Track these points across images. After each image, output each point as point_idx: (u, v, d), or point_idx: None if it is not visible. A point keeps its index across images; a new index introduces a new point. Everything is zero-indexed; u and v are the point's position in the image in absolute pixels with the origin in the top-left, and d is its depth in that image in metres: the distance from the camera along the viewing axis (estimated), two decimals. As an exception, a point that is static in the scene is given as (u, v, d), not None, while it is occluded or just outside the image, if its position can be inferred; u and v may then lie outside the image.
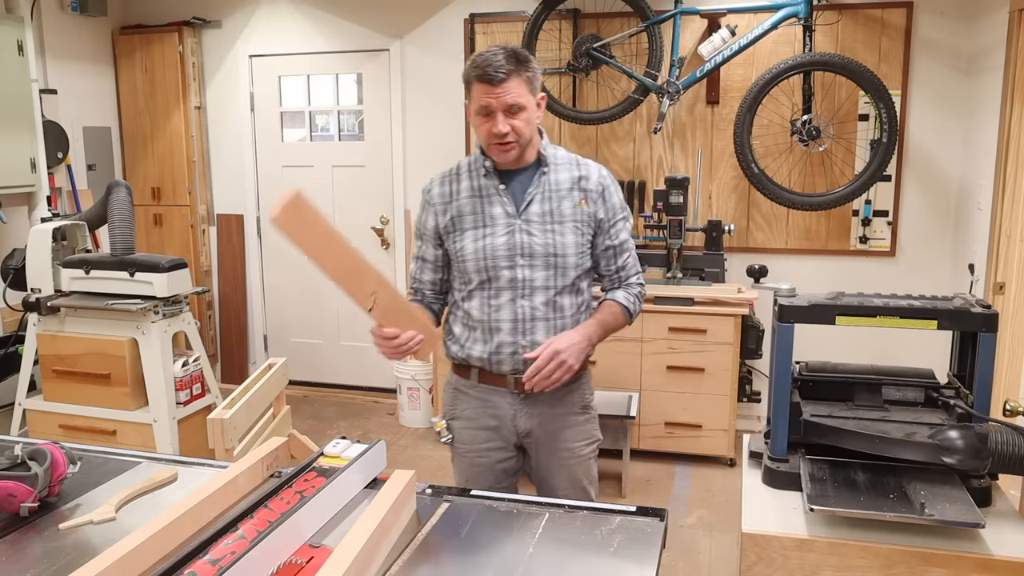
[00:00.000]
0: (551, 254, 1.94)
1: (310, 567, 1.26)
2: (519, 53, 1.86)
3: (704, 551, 3.24)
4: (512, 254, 1.94)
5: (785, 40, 4.10)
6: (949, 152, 4.07)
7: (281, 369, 2.58)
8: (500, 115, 1.84)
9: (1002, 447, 1.55)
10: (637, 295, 2.09)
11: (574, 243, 1.96)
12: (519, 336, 1.96)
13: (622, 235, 2.05)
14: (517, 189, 1.97)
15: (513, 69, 1.83)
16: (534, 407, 2.01)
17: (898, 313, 1.72)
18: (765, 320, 3.90)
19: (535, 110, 1.91)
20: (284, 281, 5.27)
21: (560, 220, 1.95)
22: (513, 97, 1.83)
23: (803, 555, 1.58)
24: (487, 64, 1.82)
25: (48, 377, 3.75)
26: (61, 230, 3.79)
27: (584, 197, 1.98)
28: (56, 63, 4.66)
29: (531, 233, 1.94)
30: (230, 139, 5.19)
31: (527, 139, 1.91)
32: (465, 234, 1.97)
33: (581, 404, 2.08)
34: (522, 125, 1.87)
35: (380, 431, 4.52)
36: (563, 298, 1.97)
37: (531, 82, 1.87)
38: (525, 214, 1.95)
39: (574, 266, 1.96)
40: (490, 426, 2.04)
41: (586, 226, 1.98)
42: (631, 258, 2.09)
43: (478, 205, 1.97)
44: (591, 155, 4.48)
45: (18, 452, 1.53)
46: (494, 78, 1.81)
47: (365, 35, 4.83)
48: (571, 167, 2.02)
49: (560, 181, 1.98)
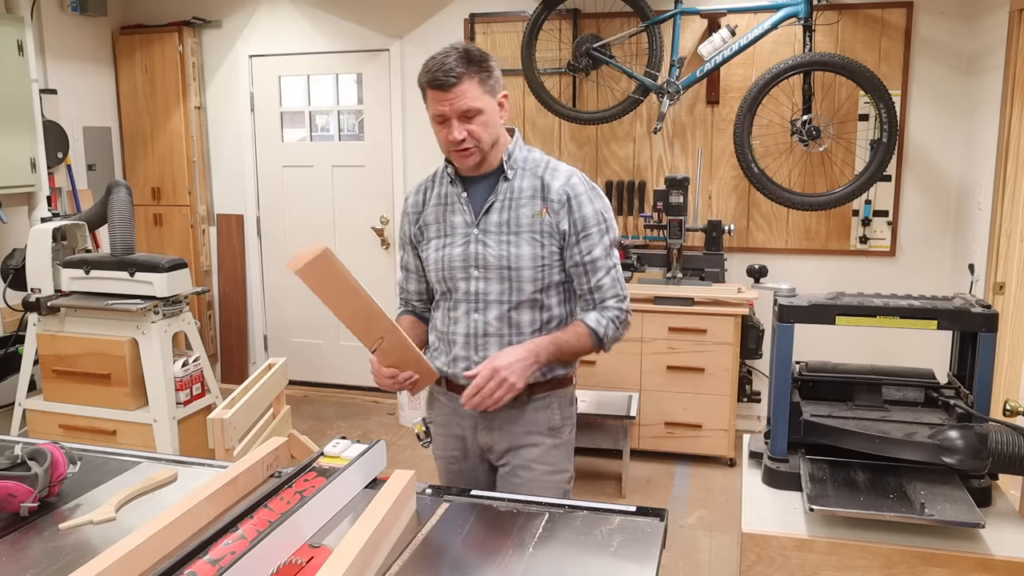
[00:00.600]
0: (505, 266, 1.81)
1: (310, 567, 1.26)
2: (471, 53, 1.75)
3: (704, 551, 3.24)
4: (467, 265, 1.84)
5: (785, 40, 4.10)
6: (949, 152, 4.07)
7: (281, 369, 2.58)
8: (455, 121, 1.74)
9: (1002, 447, 1.55)
10: (613, 319, 1.86)
11: (530, 255, 1.81)
12: (471, 351, 1.86)
13: (596, 251, 1.83)
14: (478, 197, 1.86)
15: (464, 72, 1.71)
16: (492, 422, 1.90)
17: (898, 313, 1.72)
18: (765, 320, 3.90)
19: (495, 112, 1.79)
20: (284, 281, 5.26)
21: (516, 231, 1.81)
22: (467, 101, 1.72)
23: (803, 555, 1.58)
24: (437, 69, 1.72)
25: (48, 377, 3.75)
26: (61, 230, 3.79)
27: (545, 206, 1.81)
28: (56, 63, 4.66)
29: (486, 244, 1.83)
30: (230, 139, 5.19)
31: (488, 143, 1.79)
32: (430, 243, 1.90)
33: (547, 426, 1.91)
34: (479, 129, 1.76)
35: (380, 431, 4.52)
36: (520, 314, 1.84)
37: (486, 82, 1.75)
38: (483, 223, 1.84)
39: (531, 279, 1.82)
40: (458, 435, 1.97)
41: (548, 237, 1.81)
42: (608, 278, 1.86)
43: (441, 214, 1.89)
44: (591, 155, 4.49)
45: (18, 452, 1.53)
46: (444, 83, 1.71)
47: (365, 35, 4.83)
48: (536, 172, 1.85)
49: (522, 188, 1.84)
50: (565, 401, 1.94)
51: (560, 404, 1.92)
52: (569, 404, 1.96)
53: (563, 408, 1.93)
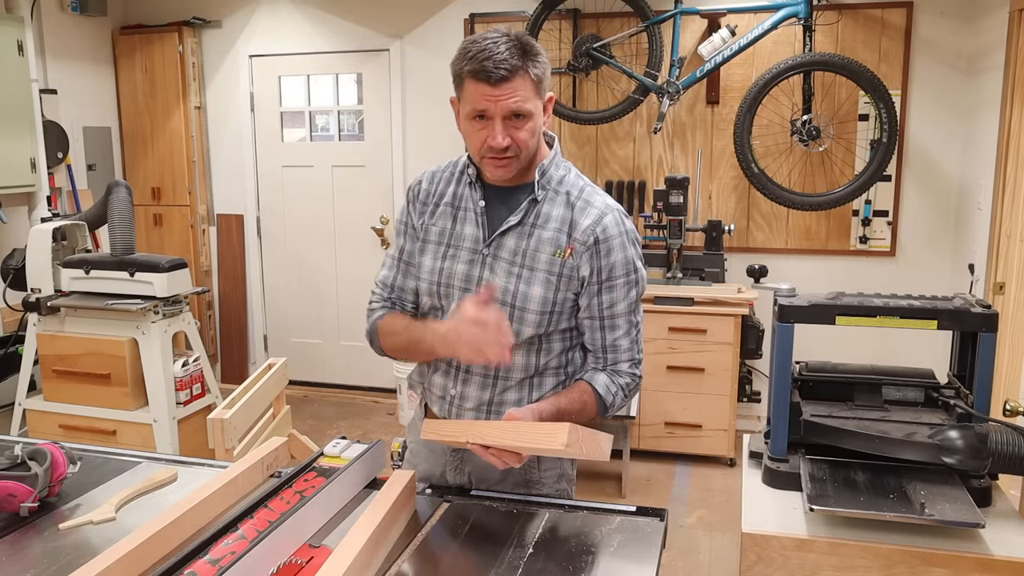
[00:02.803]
0: (509, 303, 1.54)
1: (310, 567, 1.26)
2: (525, 43, 1.46)
3: (704, 551, 3.24)
4: (467, 288, 1.57)
5: (785, 40, 4.10)
6: (949, 152, 4.07)
7: (281, 369, 2.59)
8: (499, 123, 1.45)
9: (1002, 447, 1.55)
10: (624, 387, 1.60)
11: (540, 298, 1.54)
12: (450, 382, 1.63)
13: (619, 306, 1.57)
14: (497, 211, 1.58)
15: (519, 65, 1.43)
16: (464, 466, 1.68)
17: (898, 313, 1.72)
18: (765, 320, 3.90)
19: (541, 116, 1.51)
20: (284, 281, 5.27)
21: (532, 266, 1.54)
22: (518, 102, 1.44)
23: (803, 555, 1.58)
24: (486, 57, 1.42)
25: (48, 377, 3.75)
26: (61, 230, 3.79)
27: (571, 247, 1.53)
28: (56, 63, 4.66)
29: (494, 270, 1.56)
30: (230, 139, 5.19)
31: (530, 153, 1.52)
32: (428, 247, 1.63)
33: (523, 478, 1.66)
34: (526, 137, 1.48)
35: (380, 431, 4.52)
36: (513, 356, 1.53)
37: (540, 81, 1.48)
38: (495, 245, 1.57)
39: (534, 324, 1.55)
40: (427, 470, 1.72)
41: (565, 281, 1.54)
42: (627, 339, 1.59)
43: (451, 218, 1.62)
44: (591, 155, 4.49)
45: (18, 452, 1.53)
46: (493, 75, 1.42)
47: (365, 35, 4.83)
48: (568, 201, 1.56)
49: (549, 216, 1.55)
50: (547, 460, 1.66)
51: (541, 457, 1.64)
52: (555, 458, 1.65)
53: (547, 459, 1.66)
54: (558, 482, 1.69)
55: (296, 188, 5.15)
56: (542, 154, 1.59)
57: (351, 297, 5.07)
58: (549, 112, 1.56)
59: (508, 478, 1.65)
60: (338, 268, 5.14)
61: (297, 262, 5.23)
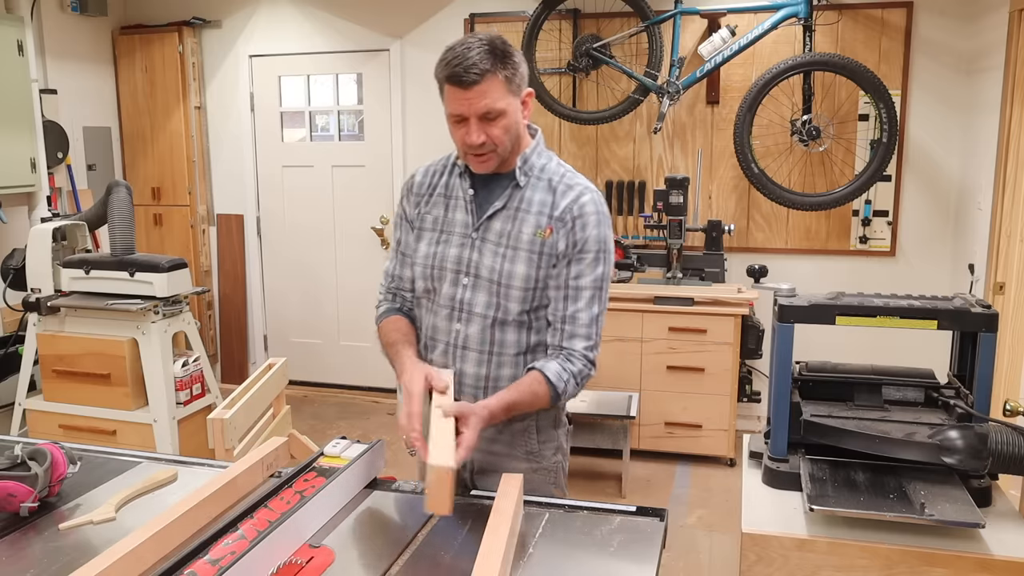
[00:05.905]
0: (495, 280, 1.67)
1: (310, 567, 1.26)
2: (496, 46, 1.58)
3: (704, 551, 3.24)
4: (458, 270, 1.70)
5: (785, 40, 4.10)
6: (949, 152, 4.07)
7: (281, 369, 2.58)
8: (475, 123, 1.58)
9: (1002, 447, 1.55)
10: (576, 374, 1.66)
11: (524, 275, 1.66)
12: (449, 360, 1.72)
13: (584, 279, 1.66)
14: (485, 198, 1.72)
15: (488, 69, 1.55)
16: None
17: (898, 313, 1.72)
18: (765, 320, 3.90)
19: (518, 112, 1.64)
20: (284, 281, 5.27)
21: (515, 245, 1.67)
22: (489, 102, 1.57)
23: (803, 555, 1.58)
24: (458, 63, 1.55)
25: (48, 377, 3.75)
26: (61, 230, 3.79)
27: (551, 226, 1.66)
28: (56, 63, 4.66)
29: (482, 252, 1.69)
30: (230, 139, 5.19)
31: (508, 147, 1.65)
32: (423, 234, 1.77)
33: (525, 450, 1.75)
34: (500, 133, 1.61)
35: (380, 431, 4.52)
36: (504, 332, 1.69)
37: (511, 81, 1.60)
38: (483, 229, 1.70)
39: (519, 299, 1.67)
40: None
41: (546, 259, 1.67)
42: (586, 313, 1.67)
43: (443, 207, 1.76)
44: (591, 155, 4.49)
45: (18, 452, 1.53)
46: (465, 80, 1.55)
47: (365, 35, 4.83)
48: (550, 186, 1.70)
49: (531, 200, 1.69)
50: (547, 423, 1.77)
51: (540, 427, 1.76)
52: (552, 427, 1.77)
53: (544, 431, 1.76)
54: (555, 455, 1.80)
55: (296, 188, 5.15)
56: (525, 144, 1.72)
57: (351, 297, 5.07)
58: (529, 106, 1.69)
59: (513, 451, 1.75)
60: (338, 268, 5.14)
61: (297, 262, 5.23)
